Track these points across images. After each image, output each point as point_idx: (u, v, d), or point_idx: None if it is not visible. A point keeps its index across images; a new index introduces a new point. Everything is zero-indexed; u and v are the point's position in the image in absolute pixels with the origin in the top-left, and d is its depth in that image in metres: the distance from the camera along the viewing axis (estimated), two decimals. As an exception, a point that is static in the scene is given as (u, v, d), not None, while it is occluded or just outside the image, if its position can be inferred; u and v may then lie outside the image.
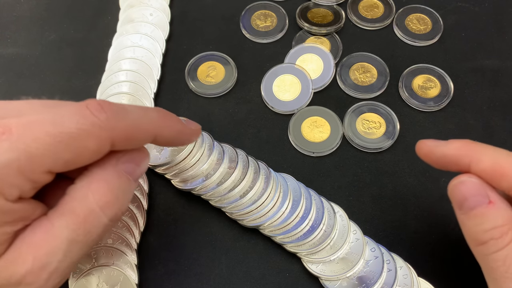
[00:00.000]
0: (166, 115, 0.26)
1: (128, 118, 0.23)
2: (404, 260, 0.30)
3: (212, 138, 0.34)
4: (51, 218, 0.21)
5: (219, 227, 0.33)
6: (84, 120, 0.21)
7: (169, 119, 0.26)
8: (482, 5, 0.42)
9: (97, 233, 0.22)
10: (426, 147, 0.26)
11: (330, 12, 0.42)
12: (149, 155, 0.26)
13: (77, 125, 0.20)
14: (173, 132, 0.26)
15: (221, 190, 0.32)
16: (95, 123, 0.21)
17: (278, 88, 0.38)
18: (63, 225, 0.21)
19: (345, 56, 0.40)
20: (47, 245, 0.21)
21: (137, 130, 0.23)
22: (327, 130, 0.36)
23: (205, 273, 0.32)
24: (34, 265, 0.20)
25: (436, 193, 0.34)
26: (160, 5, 0.42)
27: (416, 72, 0.39)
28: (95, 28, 0.43)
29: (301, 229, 0.31)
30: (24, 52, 0.41)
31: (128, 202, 0.24)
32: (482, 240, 0.23)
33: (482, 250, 0.23)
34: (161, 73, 0.39)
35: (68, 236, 0.21)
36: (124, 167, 0.23)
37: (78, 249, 0.22)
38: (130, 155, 0.24)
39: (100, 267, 0.30)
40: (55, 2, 0.44)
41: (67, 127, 0.20)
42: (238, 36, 0.42)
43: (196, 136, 0.28)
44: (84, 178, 0.22)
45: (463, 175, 0.25)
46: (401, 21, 0.41)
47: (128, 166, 0.24)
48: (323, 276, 0.30)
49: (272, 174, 0.33)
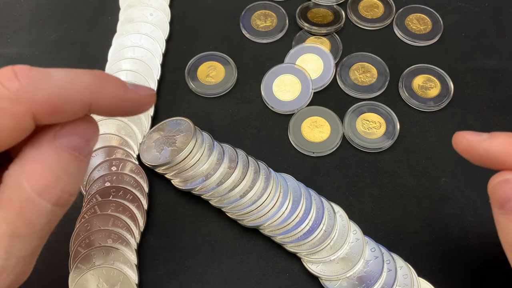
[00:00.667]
0: (103, 79, 0.21)
1: (52, 86, 0.19)
2: (404, 260, 0.30)
3: (212, 138, 0.34)
4: None
5: (219, 227, 0.33)
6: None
7: (108, 84, 0.21)
8: (482, 5, 0.42)
9: (41, 223, 0.19)
10: (466, 141, 0.24)
11: (330, 12, 0.42)
12: (97, 125, 0.22)
13: None
14: (114, 99, 0.21)
15: (221, 190, 0.32)
16: (4, 96, 0.18)
17: (278, 88, 0.38)
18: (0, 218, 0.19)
19: (345, 56, 0.40)
20: None
21: (64, 99, 0.19)
22: (327, 130, 0.36)
23: (205, 273, 0.32)
24: None
25: (436, 193, 0.34)
26: (160, 5, 0.42)
27: (416, 72, 0.39)
28: (95, 28, 0.43)
29: (301, 229, 0.31)
30: (24, 52, 0.41)
31: (78, 181, 0.20)
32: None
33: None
34: (161, 73, 0.39)
35: (6, 230, 0.19)
36: (66, 141, 0.20)
37: (23, 243, 0.19)
38: (71, 127, 0.20)
39: (100, 267, 0.30)
40: (55, 2, 0.44)
41: None
42: (238, 36, 0.42)
43: (149, 104, 0.23)
44: (17, 161, 0.19)
45: (508, 173, 0.23)
46: (401, 21, 0.41)
47: (71, 139, 0.20)
48: (323, 276, 0.30)
49: (272, 174, 0.33)
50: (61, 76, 0.19)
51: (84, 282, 0.30)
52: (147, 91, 0.22)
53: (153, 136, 0.35)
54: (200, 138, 0.33)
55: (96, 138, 0.22)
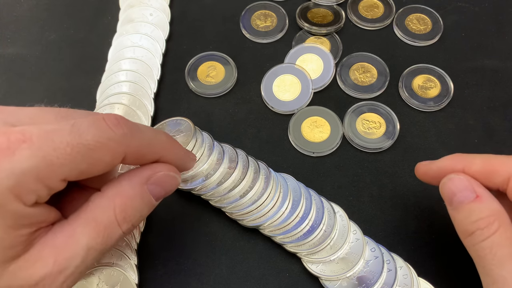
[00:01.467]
0: (173, 140, 0.27)
1: (142, 137, 0.24)
2: (404, 260, 0.30)
3: (212, 138, 0.34)
4: (73, 224, 0.22)
5: (219, 227, 0.33)
6: (102, 133, 0.22)
7: (175, 144, 0.27)
8: (482, 5, 0.42)
9: (111, 244, 0.23)
10: (423, 166, 0.28)
11: (330, 12, 0.42)
12: (179, 183, 0.27)
13: (94, 137, 0.21)
14: (177, 156, 0.27)
15: (221, 190, 0.32)
16: (112, 138, 0.22)
17: (278, 88, 0.38)
18: (84, 232, 0.22)
19: (345, 56, 0.40)
20: (68, 250, 0.22)
21: (148, 149, 0.24)
22: (327, 130, 0.36)
23: (205, 273, 0.32)
24: (54, 268, 0.21)
25: (436, 193, 0.34)
26: (160, 5, 0.42)
27: (416, 72, 0.39)
28: (95, 28, 0.43)
29: (301, 229, 0.31)
30: (24, 52, 0.41)
31: (143, 219, 0.25)
32: (470, 230, 0.24)
33: (470, 241, 0.25)
34: (161, 73, 0.39)
35: (88, 243, 0.22)
36: (152, 188, 0.24)
37: (93, 256, 0.22)
38: (160, 179, 0.25)
39: (100, 267, 0.30)
40: (55, 2, 0.44)
41: (85, 139, 0.21)
42: (238, 36, 0.42)
43: (192, 164, 0.29)
44: (112, 189, 0.24)
45: (452, 173, 0.26)
46: (401, 21, 0.41)
47: (155, 188, 0.25)
48: (323, 276, 0.30)
49: (272, 174, 0.33)
50: (147, 131, 0.24)
51: (84, 282, 0.30)
52: (193, 155, 0.30)
53: (153, 136, 0.35)
54: (200, 138, 0.33)
55: (172, 191, 0.26)
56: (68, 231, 0.22)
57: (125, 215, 0.23)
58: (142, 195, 0.24)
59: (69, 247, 0.22)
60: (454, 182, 0.26)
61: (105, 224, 0.23)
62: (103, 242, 0.22)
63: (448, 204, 0.26)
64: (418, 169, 0.29)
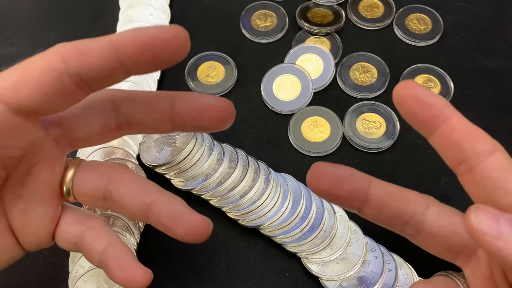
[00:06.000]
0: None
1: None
2: (404, 260, 0.30)
3: (212, 138, 0.34)
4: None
5: (219, 227, 0.33)
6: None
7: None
8: (482, 5, 0.42)
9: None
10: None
11: (330, 12, 0.42)
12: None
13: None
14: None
15: (221, 190, 0.32)
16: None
17: (278, 88, 0.38)
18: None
19: (345, 56, 0.40)
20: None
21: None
22: (327, 130, 0.36)
23: (205, 273, 0.32)
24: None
25: (436, 193, 0.34)
26: (160, 5, 0.42)
27: (416, 72, 0.39)
28: (95, 28, 0.43)
29: (301, 229, 0.31)
30: (24, 52, 0.41)
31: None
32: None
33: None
34: (161, 73, 0.39)
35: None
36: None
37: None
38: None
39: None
40: (55, 2, 0.44)
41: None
42: (238, 36, 0.42)
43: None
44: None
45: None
46: (401, 21, 0.41)
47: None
48: (323, 276, 0.30)
49: (272, 174, 0.33)
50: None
51: (84, 282, 0.30)
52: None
53: (153, 136, 0.35)
54: (200, 138, 0.33)
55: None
56: None
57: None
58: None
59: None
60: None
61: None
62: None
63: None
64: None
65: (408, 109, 0.22)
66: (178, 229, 0.23)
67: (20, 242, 0.25)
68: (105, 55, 0.20)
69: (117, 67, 0.21)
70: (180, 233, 0.23)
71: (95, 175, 0.25)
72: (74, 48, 0.21)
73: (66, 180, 0.25)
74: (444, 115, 0.21)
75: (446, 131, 0.21)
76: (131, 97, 0.24)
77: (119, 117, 0.24)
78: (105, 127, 0.24)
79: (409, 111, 0.22)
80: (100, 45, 0.21)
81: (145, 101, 0.24)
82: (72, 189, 0.25)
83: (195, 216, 0.23)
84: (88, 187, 0.24)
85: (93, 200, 0.25)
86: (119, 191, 0.24)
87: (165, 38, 0.21)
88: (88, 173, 0.25)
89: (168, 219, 0.23)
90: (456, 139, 0.21)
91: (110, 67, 0.20)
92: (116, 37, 0.20)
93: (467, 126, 0.22)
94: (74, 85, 0.21)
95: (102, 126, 0.24)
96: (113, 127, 0.24)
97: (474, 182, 0.21)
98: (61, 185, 0.25)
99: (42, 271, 0.32)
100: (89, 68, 0.20)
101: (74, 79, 0.21)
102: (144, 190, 0.24)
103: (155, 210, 0.23)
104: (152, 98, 0.24)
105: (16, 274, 0.32)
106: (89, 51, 0.21)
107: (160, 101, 0.23)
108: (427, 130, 0.22)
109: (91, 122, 0.24)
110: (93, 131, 0.24)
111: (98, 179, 0.24)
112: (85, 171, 0.25)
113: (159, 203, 0.23)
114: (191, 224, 0.23)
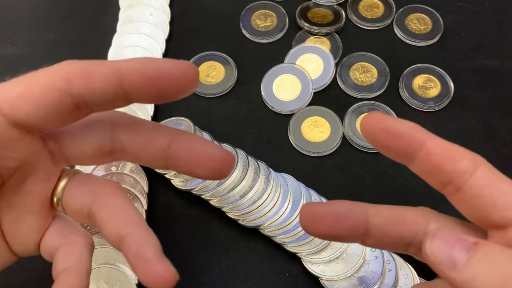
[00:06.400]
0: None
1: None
2: (404, 260, 0.30)
3: (212, 138, 0.34)
4: None
5: (219, 227, 0.33)
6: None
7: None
8: (482, 5, 0.42)
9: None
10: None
11: (330, 12, 0.42)
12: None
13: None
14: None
15: (221, 190, 0.32)
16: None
17: (278, 88, 0.38)
18: None
19: (345, 56, 0.40)
20: None
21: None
22: (327, 130, 0.36)
23: (205, 273, 0.32)
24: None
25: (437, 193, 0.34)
26: (160, 5, 0.42)
27: (416, 72, 0.39)
28: (95, 28, 0.43)
29: (301, 229, 0.31)
30: (24, 52, 0.41)
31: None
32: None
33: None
34: (161, 73, 0.39)
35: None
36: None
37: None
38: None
39: (100, 267, 0.30)
40: (55, 2, 0.44)
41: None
42: (238, 36, 0.42)
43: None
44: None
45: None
46: (401, 21, 0.41)
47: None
48: (323, 276, 0.30)
49: (272, 174, 0.33)
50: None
51: (84, 282, 0.30)
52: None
53: (153, 136, 0.35)
54: (200, 138, 0.33)
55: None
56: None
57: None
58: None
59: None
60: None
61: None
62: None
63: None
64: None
65: (380, 142, 0.21)
66: (139, 273, 0.22)
67: (11, 248, 0.25)
68: (110, 80, 0.20)
69: (120, 94, 0.20)
70: (141, 277, 0.22)
71: (84, 191, 0.24)
72: (80, 68, 0.21)
73: (57, 191, 0.24)
74: (418, 141, 0.21)
75: (424, 157, 0.21)
76: (131, 126, 0.23)
77: (114, 144, 0.23)
78: (99, 151, 0.23)
79: (382, 144, 0.21)
80: (107, 69, 0.20)
81: (144, 133, 0.23)
82: (61, 201, 0.24)
83: (161, 266, 0.22)
84: (75, 203, 0.24)
85: (78, 217, 0.24)
86: (101, 215, 0.23)
87: (174, 74, 0.20)
88: (78, 188, 0.24)
89: (134, 260, 0.22)
90: (436, 163, 0.21)
91: (113, 93, 0.20)
92: (124, 65, 0.20)
93: (443, 147, 0.21)
94: (75, 106, 0.21)
95: (96, 150, 0.23)
96: (107, 152, 0.24)
97: (464, 201, 0.21)
98: (52, 196, 0.24)
99: (42, 271, 0.32)
100: (92, 91, 0.20)
101: (75, 100, 0.20)
102: (124, 221, 0.23)
103: (126, 246, 0.22)
104: (152, 131, 0.23)
105: (16, 274, 0.32)
106: (95, 74, 0.20)
107: (160, 137, 0.23)
108: (405, 159, 0.21)
109: (86, 143, 0.23)
110: (86, 152, 0.23)
111: (86, 197, 0.24)
112: (76, 185, 0.24)
113: (131, 240, 0.22)
114: (153, 272, 0.22)
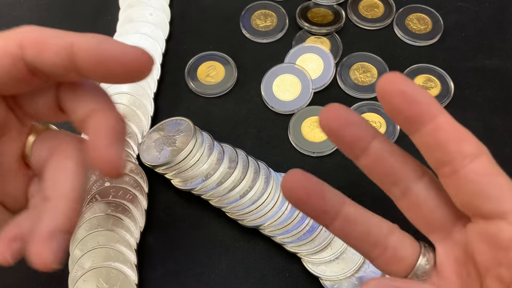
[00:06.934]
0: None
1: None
2: (404, 260, 0.30)
3: (212, 138, 0.34)
4: None
5: (219, 227, 0.33)
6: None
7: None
8: (482, 5, 0.42)
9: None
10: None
11: (330, 12, 0.42)
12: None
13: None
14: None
15: (221, 190, 0.32)
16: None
17: (278, 88, 0.38)
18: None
19: (345, 56, 0.40)
20: None
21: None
22: (327, 130, 0.36)
23: (205, 273, 0.32)
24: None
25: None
26: (160, 5, 0.42)
27: (416, 72, 0.39)
28: (95, 28, 0.42)
29: (301, 229, 0.31)
30: (24, 52, 0.41)
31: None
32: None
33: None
34: (161, 73, 0.39)
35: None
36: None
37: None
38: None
39: (100, 267, 0.30)
40: (55, 2, 0.44)
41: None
42: (238, 36, 0.42)
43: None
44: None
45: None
46: (401, 21, 0.41)
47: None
48: (323, 276, 0.30)
49: (272, 174, 0.33)
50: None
51: (84, 282, 0.30)
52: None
53: (153, 136, 0.35)
54: (200, 138, 0.33)
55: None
56: None
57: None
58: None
59: None
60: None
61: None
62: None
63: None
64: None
65: (394, 105, 0.20)
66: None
67: (5, 206, 0.25)
68: (61, 55, 0.20)
69: (70, 69, 0.20)
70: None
71: (45, 148, 0.24)
72: (34, 37, 0.20)
73: (27, 148, 0.24)
74: (431, 113, 0.20)
75: (431, 130, 0.20)
76: (75, 90, 0.23)
77: (60, 101, 0.23)
78: (49, 108, 0.23)
79: (395, 107, 0.20)
80: (59, 43, 0.20)
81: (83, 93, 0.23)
82: (31, 158, 0.24)
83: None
84: (36, 159, 0.23)
85: (38, 174, 0.24)
86: (46, 176, 0.23)
87: (123, 60, 0.20)
88: (41, 145, 0.24)
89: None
90: (441, 139, 0.20)
91: (63, 66, 0.20)
92: (79, 41, 0.20)
93: (454, 126, 0.20)
94: (30, 72, 0.21)
95: (46, 107, 0.23)
96: (56, 108, 0.23)
97: (457, 185, 0.20)
98: (24, 153, 0.24)
99: (42, 271, 0.32)
100: (43, 61, 0.20)
101: (30, 67, 0.20)
102: (61, 188, 0.23)
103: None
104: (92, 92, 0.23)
105: (16, 274, 0.32)
106: (47, 45, 0.20)
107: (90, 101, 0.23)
108: (411, 127, 0.21)
109: (37, 101, 0.23)
110: (40, 109, 0.23)
111: (44, 154, 0.23)
112: (41, 142, 0.24)
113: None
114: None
